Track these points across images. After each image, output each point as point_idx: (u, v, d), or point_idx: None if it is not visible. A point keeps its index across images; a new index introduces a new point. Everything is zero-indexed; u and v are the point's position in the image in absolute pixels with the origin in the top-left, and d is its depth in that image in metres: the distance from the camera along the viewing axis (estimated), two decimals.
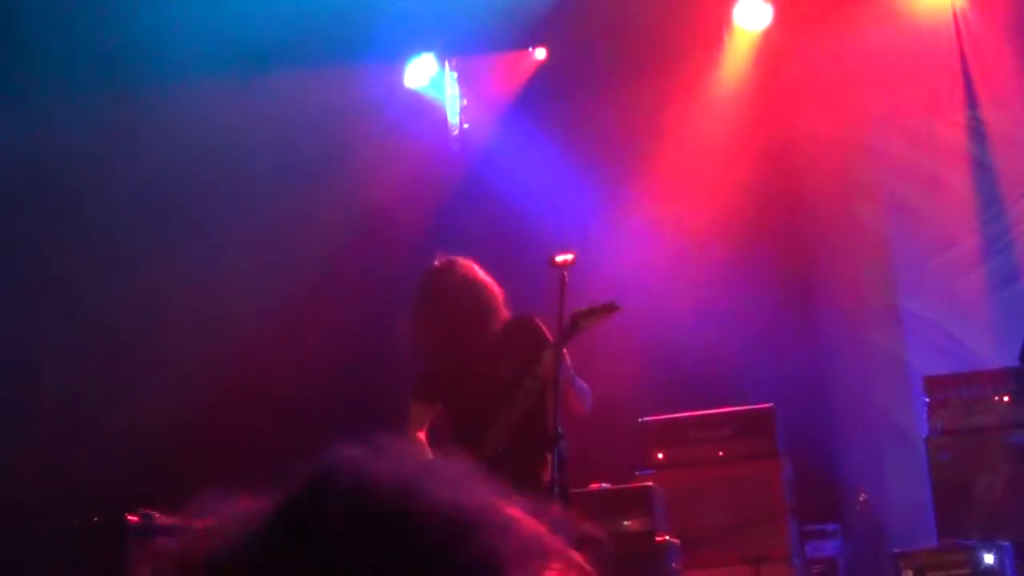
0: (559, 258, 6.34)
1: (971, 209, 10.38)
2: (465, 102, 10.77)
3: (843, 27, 10.30)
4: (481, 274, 6.56)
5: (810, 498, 9.23)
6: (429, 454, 6.47)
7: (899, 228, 10.51)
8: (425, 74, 10.73)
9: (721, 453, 8.92)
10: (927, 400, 8.95)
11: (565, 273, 6.32)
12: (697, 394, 9.48)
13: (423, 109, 10.79)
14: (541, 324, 6.48)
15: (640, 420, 9.11)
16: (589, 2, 10.33)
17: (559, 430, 6.06)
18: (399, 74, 10.71)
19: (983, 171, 10.34)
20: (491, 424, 6.33)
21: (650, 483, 8.39)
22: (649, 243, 10.30)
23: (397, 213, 10.14)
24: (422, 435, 6.59)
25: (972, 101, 10.29)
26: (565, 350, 6.25)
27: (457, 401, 6.55)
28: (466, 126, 10.77)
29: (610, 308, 6.31)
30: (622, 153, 10.53)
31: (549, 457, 6.17)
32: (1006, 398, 8.75)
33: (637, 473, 8.83)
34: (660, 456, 8.98)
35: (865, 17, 10.28)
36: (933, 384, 8.99)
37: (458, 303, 6.44)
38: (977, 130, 10.33)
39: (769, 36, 10.49)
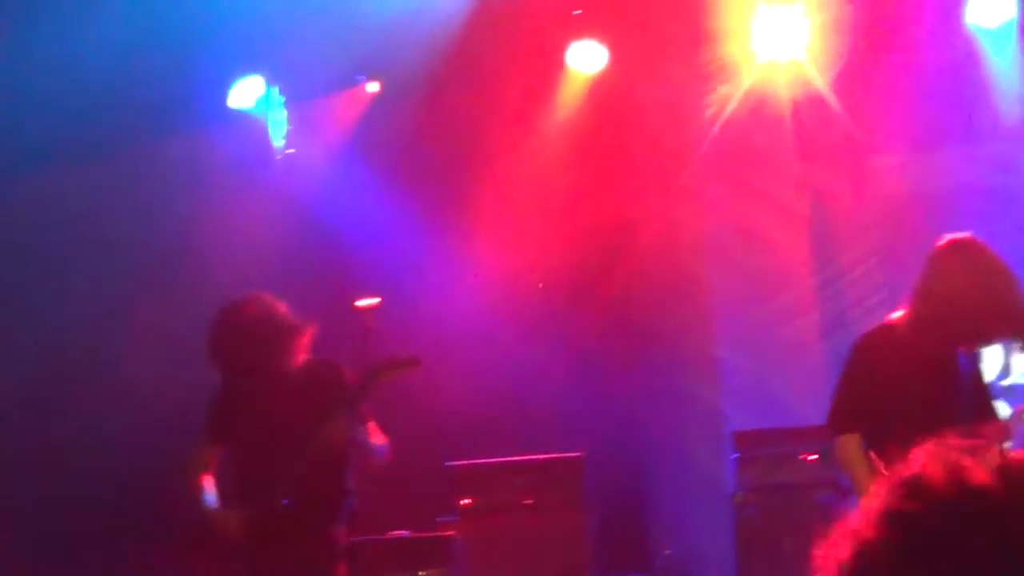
0: (362, 303, 6.16)
1: (794, 261, 10.42)
2: (291, 127, 10.50)
3: (677, 75, 10.26)
4: (282, 311, 6.35)
5: (617, 550, 9.12)
6: (210, 499, 6.24)
7: (722, 277, 10.49)
8: (251, 95, 10.44)
9: (528, 501, 8.76)
10: (736, 455, 8.90)
11: (369, 319, 6.13)
12: (507, 440, 9.31)
13: (248, 132, 10.50)
14: (342, 369, 6.28)
15: (446, 465, 8.91)
16: (425, 39, 10.08)
17: (350, 486, 5.89)
18: (224, 95, 10.41)
19: (808, 224, 10.38)
20: (281, 472, 6.10)
21: (450, 532, 8.20)
22: (469, 285, 10.14)
23: (214, 240, 9.82)
24: (206, 477, 6.35)
25: (799, 154, 10.34)
26: (362, 403, 6.07)
27: (247, 444, 6.32)
28: (291, 151, 10.50)
29: (410, 363, 6.16)
30: (449, 193, 10.35)
31: (339, 511, 5.99)
32: (814, 456, 8.72)
33: (439, 520, 8.64)
34: (465, 503, 8.79)
35: (697, 68, 10.25)
36: (742, 439, 8.94)
37: (254, 339, 6.23)
38: (803, 183, 10.38)
39: (603, 79, 10.41)
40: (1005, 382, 9.83)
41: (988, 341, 5.44)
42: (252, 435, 6.22)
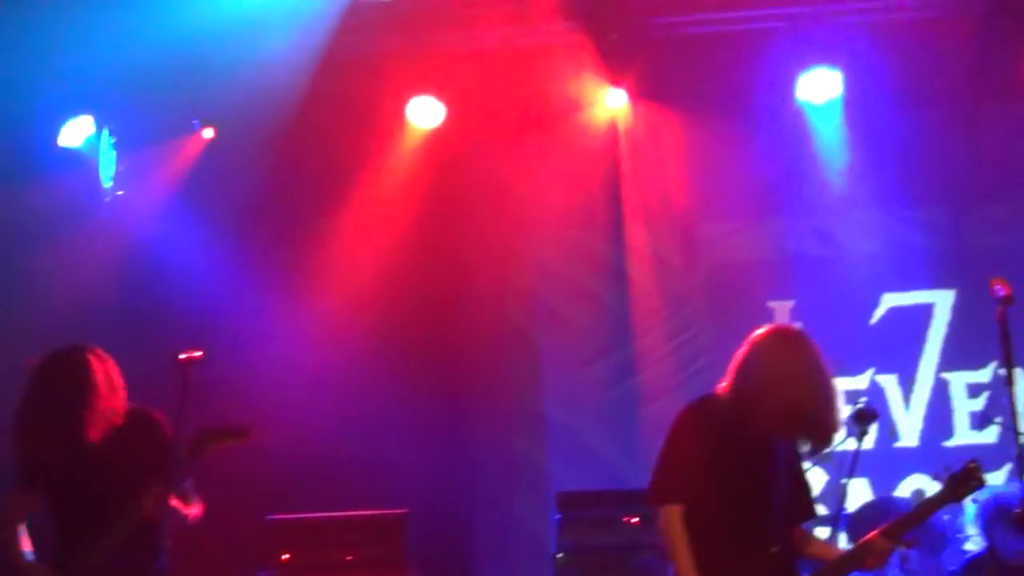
0: (185, 355, 6.05)
1: (622, 323, 10.53)
2: (121, 168, 10.31)
3: (512, 135, 10.35)
4: (107, 363, 6.21)
5: None
6: (23, 545, 6.07)
7: (551, 337, 10.56)
8: (81, 135, 10.23)
9: (350, 558, 8.67)
10: (558, 516, 8.90)
11: (190, 371, 6.03)
12: (332, 495, 9.21)
13: (77, 172, 10.27)
14: (165, 428, 6.15)
15: (268, 518, 8.79)
16: (264, 87, 9.91)
17: (163, 544, 5.79)
18: (55, 133, 10.19)
19: (636, 287, 10.52)
20: (100, 527, 5.94)
21: None
22: (299, 337, 10.03)
23: (37, 284, 9.57)
24: (21, 527, 6.16)
25: (629, 219, 10.49)
26: (184, 471, 5.97)
27: (65, 494, 6.15)
28: (120, 193, 10.30)
29: (239, 434, 6.04)
30: (283, 243, 10.25)
31: (151, 571, 5.88)
32: (635, 520, 8.78)
33: (258, 575, 8.50)
34: (285, 557, 8.66)
35: (534, 127, 10.36)
36: (565, 500, 8.95)
37: (71, 390, 6.07)
38: (633, 247, 10.52)
39: (441, 135, 10.45)
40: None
41: (796, 439, 5.52)
42: (71, 489, 6.06)
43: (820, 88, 10.07)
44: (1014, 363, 6.20)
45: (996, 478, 9.36)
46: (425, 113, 10.36)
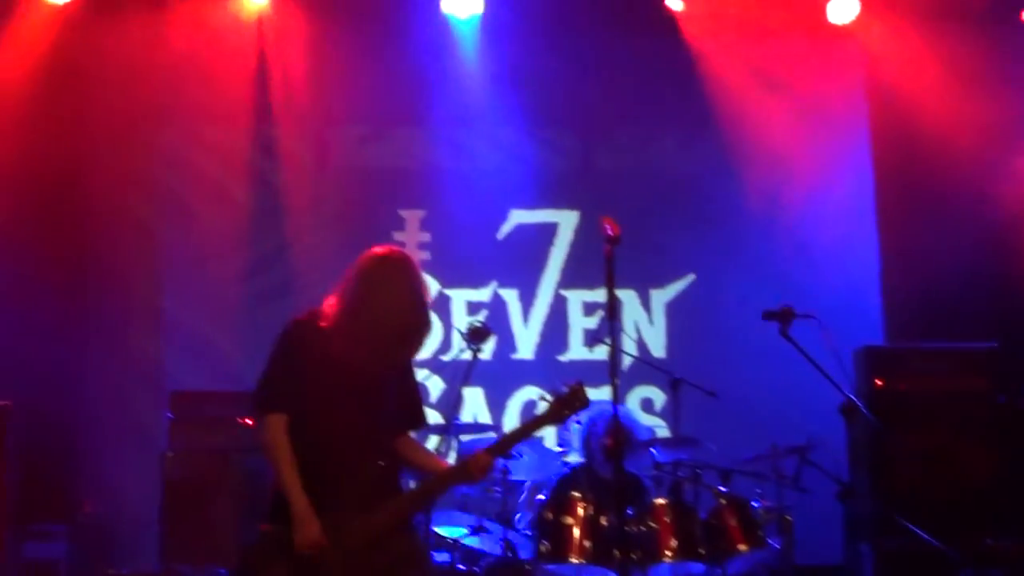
0: None
1: (253, 221, 10.39)
2: None
3: (150, 22, 10.01)
4: None
5: (41, 501, 8.85)
6: None
7: (177, 231, 10.32)
8: None
9: None
10: (171, 415, 8.77)
11: None
12: None
13: None
14: None
15: None
16: None
17: None
18: None
19: (269, 186, 10.40)
20: None
21: None
22: None
23: None
24: None
25: (265, 116, 10.34)
26: None
27: None
28: None
29: None
30: None
31: None
32: (250, 421, 8.74)
33: None
34: None
35: (172, 15, 10.04)
36: (179, 399, 8.84)
37: None
38: (265, 143, 10.39)
39: (72, 12, 10.01)
40: (445, 357, 10.26)
41: (393, 357, 5.57)
42: None
43: (463, 3, 10.17)
44: (616, 292, 6.40)
45: (603, 394, 9.74)
46: None
